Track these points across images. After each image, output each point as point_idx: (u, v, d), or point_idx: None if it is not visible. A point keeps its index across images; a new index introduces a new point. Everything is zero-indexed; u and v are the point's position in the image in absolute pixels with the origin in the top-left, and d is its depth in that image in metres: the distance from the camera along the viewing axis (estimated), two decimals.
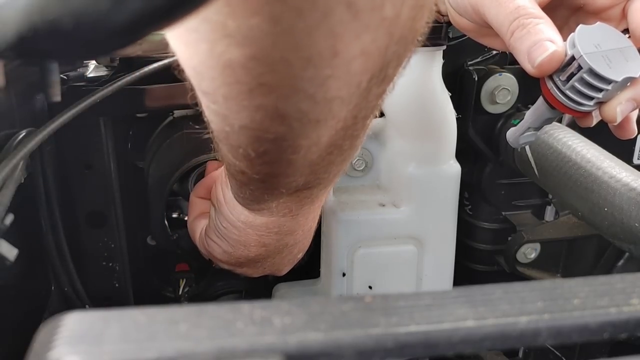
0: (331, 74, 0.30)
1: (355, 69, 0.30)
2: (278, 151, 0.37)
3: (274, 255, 0.55)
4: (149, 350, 0.18)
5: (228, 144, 0.38)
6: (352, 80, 0.32)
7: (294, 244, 0.55)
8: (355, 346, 0.19)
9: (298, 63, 0.29)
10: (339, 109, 0.34)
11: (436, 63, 0.62)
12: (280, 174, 0.41)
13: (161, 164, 0.67)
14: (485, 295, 0.21)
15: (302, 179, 0.42)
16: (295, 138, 0.35)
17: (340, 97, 0.32)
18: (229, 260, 0.57)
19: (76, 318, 0.19)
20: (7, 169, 0.45)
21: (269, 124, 0.33)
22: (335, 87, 0.31)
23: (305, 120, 0.34)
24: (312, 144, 0.37)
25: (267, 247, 0.53)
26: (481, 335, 0.20)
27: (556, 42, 0.43)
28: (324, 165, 0.41)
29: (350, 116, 0.36)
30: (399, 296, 0.21)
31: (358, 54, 0.29)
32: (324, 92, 0.31)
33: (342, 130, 0.37)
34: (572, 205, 0.58)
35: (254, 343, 0.19)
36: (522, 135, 0.50)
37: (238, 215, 0.51)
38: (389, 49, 0.31)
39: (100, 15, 0.19)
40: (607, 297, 0.22)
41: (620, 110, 0.44)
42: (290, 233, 0.53)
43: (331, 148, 0.39)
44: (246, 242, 0.53)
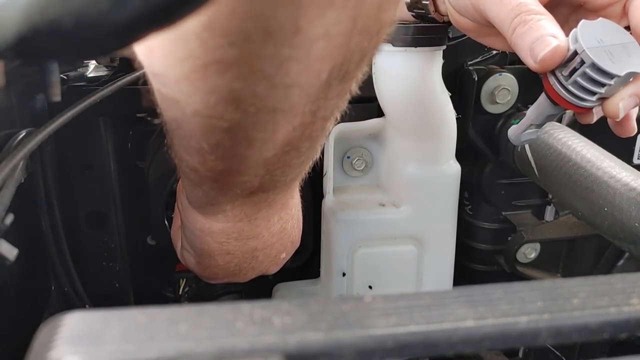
0: (291, 55, 0.29)
1: (316, 53, 0.29)
2: (232, 143, 0.35)
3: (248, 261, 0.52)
4: (149, 350, 0.18)
5: (179, 135, 0.37)
6: (313, 67, 0.30)
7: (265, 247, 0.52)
8: (355, 346, 0.19)
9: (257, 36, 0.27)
10: (297, 98, 0.32)
11: (436, 63, 0.62)
12: (233, 172, 0.39)
13: (161, 164, 0.67)
14: (485, 295, 0.21)
15: (257, 180, 0.41)
16: (250, 128, 0.34)
17: (299, 85, 0.31)
18: (203, 272, 0.54)
19: (76, 318, 0.19)
20: (7, 169, 0.45)
21: (223, 110, 0.32)
22: (295, 72, 0.30)
23: (262, 107, 0.32)
24: (267, 137, 0.35)
25: (232, 254, 0.50)
26: (481, 335, 0.20)
27: (558, 37, 0.43)
28: (280, 166, 0.39)
29: (309, 112, 0.34)
30: (398, 296, 0.21)
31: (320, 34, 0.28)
32: (282, 76, 0.30)
33: (300, 128, 0.36)
34: (572, 205, 0.58)
35: (254, 343, 0.19)
36: (523, 132, 0.50)
37: (194, 222, 0.49)
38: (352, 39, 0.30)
39: (100, 15, 0.19)
40: (607, 297, 0.22)
41: (623, 105, 0.44)
42: (254, 237, 0.50)
43: (288, 147, 0.37)
44: (208, 250, 0.50)
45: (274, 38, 0.28)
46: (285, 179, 0.42)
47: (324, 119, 0.36)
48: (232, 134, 0.34)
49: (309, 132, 0.37)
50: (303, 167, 0.42)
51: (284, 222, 0.52)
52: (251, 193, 0.43)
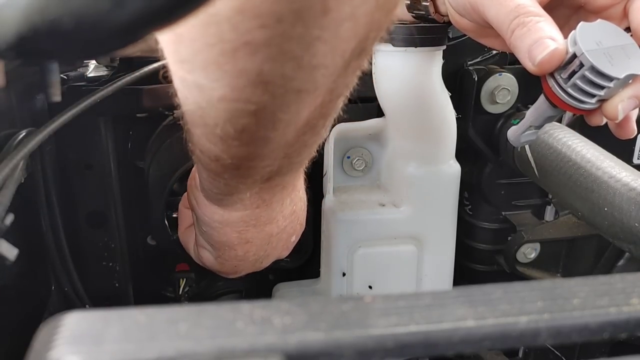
0: (319, 36, 0.29)
1: (343, 33, 0.30)
2: (257, 127, 0.35)
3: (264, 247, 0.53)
4: (149, 350, 0.18)
5: (203, 124, 0.37)
6: (339, 47, 0.31)
7: (279, 231, 0.53)
8: (355, 346, 0.19)
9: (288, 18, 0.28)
10: (322, 79, 0.33)
11: (436, 63, 0.62)
12: (256, 157, 0.39)
13: (161, 164, 0.67)
14: (485, 295, 0.21)
15: (276, 163, 0.41)
16: (276, 110, 0.34)
17: (325, 66, 0.31)
18: (223, 268, 0.55)
19: (76, 318, 0.19)
20: (7, 169, 0.45)
21: (251, 92, 0.32)
22: (322, 52, 0.30)
23: (289, 88, 0.32)
24: (291, 118, 0.35)
25: (251, 241, 0.51)
26: (481, 335, 0.20)
27: (557, 40, 0.43)
28: (297, 147, 0.40)
29: (328, 91, 0.35)
30: (398, 296, 0.21)
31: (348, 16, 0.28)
32: (310, 57, 0.30)
33: (320, 107, 0.36)
34: (572, 205, 0.58)
35: (254, 343, 0.19)
36: (523, 133, 0.50)
37: (212, 215, 0.49)
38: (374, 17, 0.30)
39: (100, 15, 0.19)
40: (607, 297, 0.22)
41: (622, 107, 0.44)
42: (270, 222, 0.51)
43: (306, 128, 0.38)
44: (228, 242, 0.51)
45: (304, 19, 0.28)
46: (300, 160, 0.43)
47: (338, 97, 0.37)
48: (258, 117, 0.34)
49: (326, 111, 0.37)
50: (315, 147, 0.43)
51: (294, 204, 0.53)
52: (269, 178, 0.44)
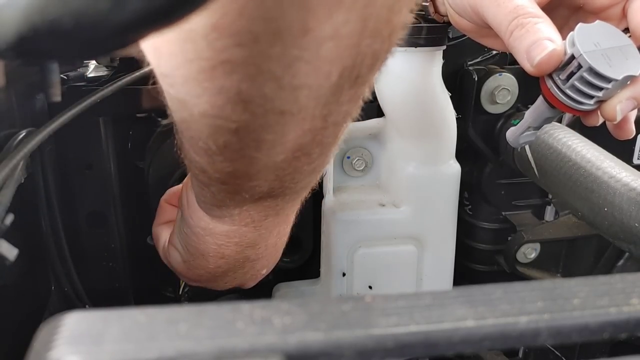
0: (300, 56, 0.29)
1: (325, 53, 0.29)
2: (240, 145, 0.35)
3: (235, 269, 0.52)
4: (149, 350, 0.18)
5: (188, 136, 0.37)
6: (322, 68, 0.30)
7: (256, 259, 0.52)
8: (355, 346, 0.19)
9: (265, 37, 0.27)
10: (306, 100, 0.32)
11: (436, 63, 0.62)
12: (242, 174, 0.39)
13: (161, 164, 0.67)
14: (485, 295, 0.21)
15: (266, 185, 0.40)
16: (259, 129, 0.34)
17: (307, 86, 0.31)
18: (187, 273, 0.54)
19: (76, 318, 0.19)
20: (7, 169, 0.45)
21: (231, 111, 0.32)
22: (304, 72, 0.30)
23: (270, 108, 0.32)
24: (276, 139, 0.35)
25: (226, 258, 0.50)
26: (481, 335, 0.20)
27: (555, 41, 0.43)
28: (289, 172, 0.39)
29: (320, 116, 0.34)
30: (399, 296, 0.21)
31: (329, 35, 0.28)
32: (290, 77, 0.30)
33: (311, 133, 0.35)
34: (572, 205, 0.58)
35: (254, 343, 0.19)
36: (522, 134, 0.50)
37: (198, 220, 0.48)
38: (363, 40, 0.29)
39: (100, 15, 0.19)
40: (607, 297, 0.22)
41: (620, 108, 0.44)
42: (252, 246, 0.49)
43: (298, 152, 0.37)
44: (205, 251, 0.50)
45: (283, 38, 0.28)
46: (295, 186, 0.42)
47: (335, 125, 0.36)
48: (239, 136, 0.34)
49: (320, 138, 0.36)
50: (314, 175, 0.42)
51: (279, 238, 0.51)
52: (260, 198, 0.43)
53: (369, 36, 0.29)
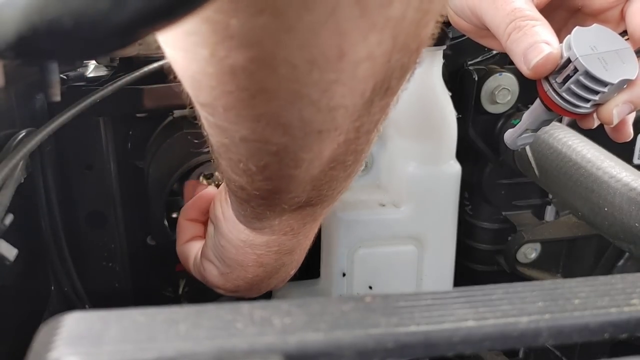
0: (336, 79, 0.29)
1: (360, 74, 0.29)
2: (279, 165, 0.36)
3: (272, 276, 0.53)
4: (149, 351, 0.18)
5: (227, 158, 0.37)
6: (357, 88, 0.31)
7: (290, 263, 0.53)
8: (355, 346, 0.19)
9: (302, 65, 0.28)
10: (342, 119, 0.33)
11: (436, 63, 0.62)
12: (281, 191, 0.40)
13: (161, 164, 0.67)
14: (485, 295, 0.21)
15: (304, 195, 0.41)
16: (297, 150, 0.34)
17: (344, 106, 0.31)
18: (224, 285, 0.54)
19: (76, 318, 0.19)
20: (6, 169, 0.45)
21: (270, 135, 0.32)
22: (340, 94, 0.30)
23: (308, 130, 0.32)
24: (314, 157, 0.35)
25: (264, 267, 0.51)
26: (481, 336, 0.20)
27: (552, 44, 0.43)
28: (326, 182, 0.40)
29: (353, 129, 0.35)
30: (399, 296, 0.21)
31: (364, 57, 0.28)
32: (328, 99, 0.30)
33: (345, 144, 0.36)
34: (572, 205, 0.58)
35: (254, 343, 0.19)
36: (519, 136, 0.50)
37: (238, 233, 0.49)
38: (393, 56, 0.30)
39: (100, 15, 0.19)
40: (607, 297, 0.22)
41: (617, 112, 0.44)
42: (290, 252, 0.51)
43: (334, 163, 0.37)
44: (244, 262, 0.50)
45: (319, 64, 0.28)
46: (332, 193, 0.43)
47: (367, 133, 0.37)
48: (279, 157, 0.35)
49: (354, 147, 0.37)
50: (349, 180, 0.42)
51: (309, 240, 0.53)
52: (298, 207, 0.44)
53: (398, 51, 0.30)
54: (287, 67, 0.28)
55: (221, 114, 0.32)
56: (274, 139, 0.33)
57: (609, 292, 0.22)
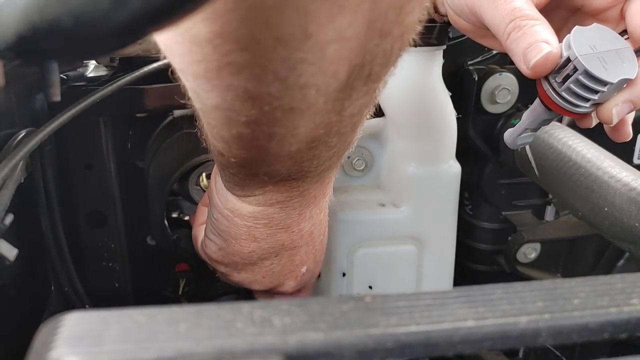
0: (304, 58, 0.29)
1: (330, 55, 0.30)
2: (251, 136, 0.36)
3: (271, 257, 0.53)
4: (149, 351, 0.18)
5: (206, 122, 0.39)
6: (327, 68, 0.31)
7: (291, 247, 0.52)
8: (355, 346, 0.19)
9: (268, 42, 0.28)
10: (314, 98, 0.33)
11: (436, 63, 0.62)
12: (257, 160, 0.41)
13: (161, 164, 0.67)
14: (485, 295, 0.21)
15: (284, 169, 0.42)
16: (269, 124, 0.35)
17: (315, 85, 0.32)
18: (224, 259, 0.55)
19: (76, 318, 0.19)
20: (7, 169, 0.45)
21: (240, 106, 0.33)
22: (309, 73, 0.31)
23: (277, 105, 0.33)
24: (286, 132, 0.36)
25: (258, 241, 0.51)
26: (481, 335, 0.20)
27: (551, 44, 0.43)
28: (308, 158, 0.40)
29: (333, 110, 0.35)
30: (399, 296, 0.21)
31: (332, 38, 0.29)
32: (296, 77, 0.31)
33: (327, 126, 0.36)
34: (572, 205, 0.58)
35: (254, 343, 0.19)
36: (519, 136, 0.50)
37: (226, 202, 0.50)
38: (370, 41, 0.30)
39: (100, 15, 0.19)
40: (607, 297, 0.22)
41: (617, 111, 0.44)
42: (283, 229, 0.51)
43: (315, 142, 0.38)
44: (236, 234, 0.51)
45: (285, 43, 0.28)
46: (315, 169, 0.43)
47: (352, 116, 0.37)
48: (251, 128, 0.35)
49: (337, 129, 0.37)
50: (335, 159, 0.43)
51: (313, 224, 0.52)
52: (280, 180, 0.44)
53: (377, 37, 0.30)
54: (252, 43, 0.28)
55: (192, 81, 0.33)
56: (244, 110, 0.34)
57: (609, 292, 0.22)
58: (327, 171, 0.45)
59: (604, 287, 0.22)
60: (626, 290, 0.22)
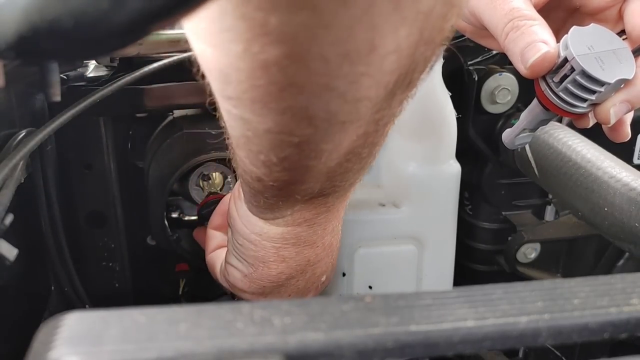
0: (365, 71, 0.29)
1: (387, 66, 0.30)
2: (299, 156, 0.36)
3: (297, 275, 0.52)
4: (149, 351, 0.18)
5: (247, 149, 0.37)
6: (382, 79, 0.31)
7: (315, 262, 0.52)
8: (355, 346, 0.19)
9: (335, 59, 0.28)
10: (365, 110, 0.33)
11: (436, 63, 0.62)
12: (297, 181, 0.40)
13: (161, 164, 0.67)
14: (485, 295, 0.21)
15: (317, 186, 0.42)
16: (319, 141, 0.35)
17: (368, 98, 0.32)
18: (250, 287, 0.54)
19: (76, 318, 0.19)
20: (7, 169, 0.45)
21: (295, 127, 0.33)
22: (367, 86, 0.30)
23: (333, 122, 0.33)
24: (333, 148, 0.36)
25: (286, 262, 0.51)
26: (481, 335, 0.20)
27: (549, 44, 0.43)
28: (340, 173, 0.40)
29: (373, 121, 0.35)
30: (399, 296, 0.21)
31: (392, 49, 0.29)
32: (354, 91, 0.31)
33: (363, 137, 0.36)
34: (572, 205, 0.58)
35: (254, 343, 0.19)
36: (517, 136, 0.50)
37: (253, 227, 0.49)
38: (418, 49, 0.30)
39: (100, 15, 0.19)
40: (607, 297, 0.22)
41: (614, 112, 0.44)
42: (310, 245, 0.50)
43: (350, 155, 0.38)
44: (264, 257, 0.50)
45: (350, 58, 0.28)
46: (344, 184, 0.43)
47: (384, 126, 0.37)
48: (301, 148, 0.35)
49: (371, 140, 0.38)
50: (362, 172, 0.43)
51: (333, 235, 0.52)
52: (311, 198, 0.44)
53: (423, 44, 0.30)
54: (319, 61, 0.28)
55: (247, 106, 0.32)
56: (298, 130, 0.33)
57: (609, 292, 0.22)
58: (353, 186, 0.45)
59: (603, 287, 0.22)
60: (626, 290, 0.22)
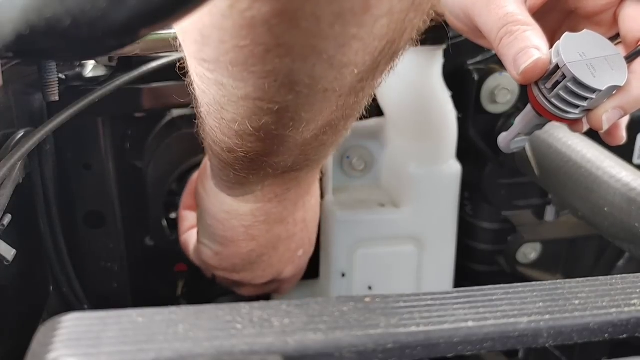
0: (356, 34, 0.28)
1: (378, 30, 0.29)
2: (276, 125, 0.35)
3: (269, 251, 0.52)
4: (147, 352, 0.18)
5: (219, 117, 0.36)
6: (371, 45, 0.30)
7: (287, 237, 0.52)
8: (355, 347, 0.19)
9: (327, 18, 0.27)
10: (349, 78, 0.32)
11: (436, 63, 0.62)
12: (271, 153, 0.39)
13: (160, 164, 0.67)
14: (485, 296, 0.21)
15: (290, 159, 0.41)
16: (299, 109, 0.33)
17: (355, 64, 0.30)
18: (221, 264, 0.54)
19: (75, 319, 0.19)
20: (5, 169, 0.45)
21: (275, 93, 0.31)
22: (355, 50, 0.29)
23: (316, 89, 0.31)
24: (312, 118, 0.35)
25: (256, 239, 0.50)
26: (482, 336, 0.20)
27: (541, 50, 0.43)
28: (315, 146, 0.39)
29: (354, 91, 0.34)
30: (399, 297, 0.21)
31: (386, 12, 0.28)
32: (342, 55, 0.29)
33: (343, 108, 0.35)
34: (572, 205, 0.58)
35: (253, 344, 0.18)
36: (512, 140, 0.50)
37: (221, 205, 0.48)
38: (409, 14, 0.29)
39: (98, 14, 0.19)
40: (607, 297, 0.22)
41: (607, 118, 0.44)
42: (280, 222, 0.49)
43: (327, 127, 0.37)
44: (233, 236, 0.49)
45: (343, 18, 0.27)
46: (317, 157, 0.42)
47: (363, 98, 0.36)
48: (279, 116, 0.34)
49: (349, 112, 0.36)
50: (334, 147, 0.42)
51: (305, 211, 0.51)
52: (283, 172, 0.43)
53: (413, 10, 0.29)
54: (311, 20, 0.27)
55: (225, 70, 0.30)
56: (278, 97, 0.32)
57: (609, 292, 0.22)
58: (323, 160, 0.45)
59: (604, 287, 0.22)
60: (626, 291, 0.22)
